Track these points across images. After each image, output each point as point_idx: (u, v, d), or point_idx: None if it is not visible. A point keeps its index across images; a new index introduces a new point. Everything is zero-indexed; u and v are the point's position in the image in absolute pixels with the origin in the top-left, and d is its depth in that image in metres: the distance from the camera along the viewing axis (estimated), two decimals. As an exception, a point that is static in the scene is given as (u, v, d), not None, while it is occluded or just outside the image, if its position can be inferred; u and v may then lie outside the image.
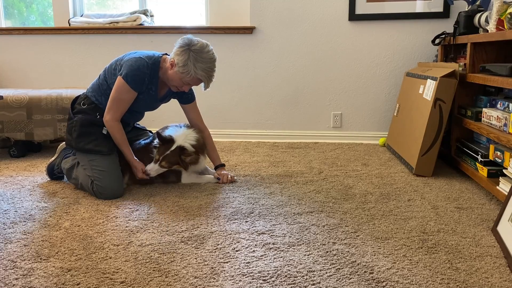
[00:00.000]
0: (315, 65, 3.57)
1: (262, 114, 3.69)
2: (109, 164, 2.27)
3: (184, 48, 2.20)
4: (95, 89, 2.35)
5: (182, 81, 2.25)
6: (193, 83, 2.27)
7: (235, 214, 1.99)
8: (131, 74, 2.21)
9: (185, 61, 2.18)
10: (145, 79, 2.26)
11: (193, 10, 3.90)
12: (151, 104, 2.42)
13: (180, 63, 2.19)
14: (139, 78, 2.23)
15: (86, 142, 2.28)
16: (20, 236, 1.76)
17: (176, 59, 2.20)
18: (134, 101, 2.31)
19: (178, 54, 2.20)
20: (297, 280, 1.43)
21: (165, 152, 2.29)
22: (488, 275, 1.46)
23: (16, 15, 4.06)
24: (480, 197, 2.22)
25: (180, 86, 2.29)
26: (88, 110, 2.33)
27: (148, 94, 2.33)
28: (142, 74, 2.24)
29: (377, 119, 3.59)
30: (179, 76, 2.23)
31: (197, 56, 2.18)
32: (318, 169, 2.75)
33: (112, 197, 2.22)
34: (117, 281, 1.42)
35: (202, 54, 2.20)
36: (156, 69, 2.29)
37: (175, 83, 2.28)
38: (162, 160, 2.30)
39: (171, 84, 2.31)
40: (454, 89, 2.51)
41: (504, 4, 2.19)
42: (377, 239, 1.73)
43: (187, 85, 2.28)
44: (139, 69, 2.22)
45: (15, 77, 3.83)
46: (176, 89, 2.32)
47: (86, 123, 2.29)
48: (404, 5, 3.38)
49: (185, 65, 2.18)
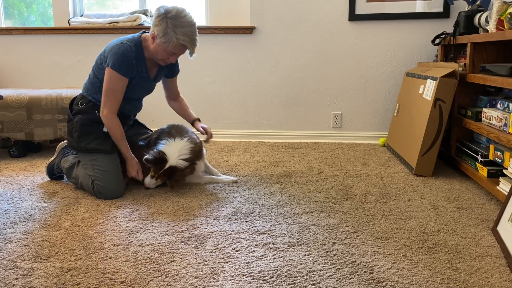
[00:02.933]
0: (315, 65, 3.57)
1: (262, 114, 3.69)
2: (110, 164, 2.27)
3: (161, 17, 2.17)
4: (89, 88, 2.34)
5: (167, 52, 2.22)
6: (177, 51, 2.23)
7: (235, 214, 1.99)
8: (118, 62, 2.19)
9: (165, 29, 2.15)
10: (133, 63, 2.23)
11: (193, 10, 3.90)
12: (146, 86, 2.40)
13: (160, 33, 2.16)
14: (127, 63, 2.21)
15: (88, 142, 2.28)
16: (20, 236, 1.76)
17: (156, 30, 2.18)
18: (129, 88, 2.28)
19: (157, 25, 2.17)
20: (297, 280, 1.43)
21: (158, 171, 2.27)
22: (488, 275, 1.46)
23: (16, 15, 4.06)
24: (480, 197, 2.22)
25: (167, 58, 2.26)
26: (86, 109, 2.32)
27: (140, 77, 2.31)
28: (129, 59, 2.21)
29: (377, 119, 3.59)
30: (162, 47, 2.20)
31: (175, 21, 2.15)
32: (318, 169, 2.75)
33: (112, 197, 2.22)
34: (117, 281, 1.42)
35: (180, 19, 2.17)
36: (140, 49, 2.26)
37: (161, 56, 2.25)
38: (158, 177, 2.29)
39: (158, 59, 2.28)
40: (454, 89, 2.51)
41: (504, 4, 2.19)
42: (377, 239, 1.73)
43: (173, 55, 2.25)
44: (124, 54, 2.20)
45: (15, 77, 3.83)
46: (164, 62, 2.29)
47: (86, 122, 2.29)
48: (404, 5, 3.38)
49: (165, 33, 2.15)
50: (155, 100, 3.74)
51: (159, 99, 3.75)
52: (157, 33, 2.18)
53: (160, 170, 2.26)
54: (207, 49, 3.63)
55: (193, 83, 3.69)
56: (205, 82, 3.68)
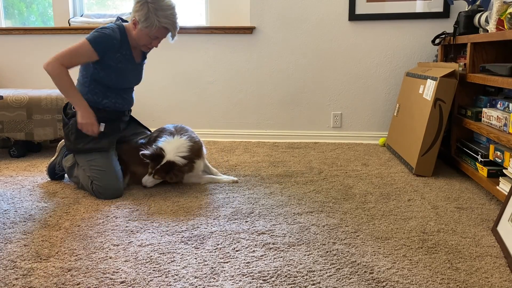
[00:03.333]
0: (315, 65, 3.57)
1: (262, 114, 3.69)
2: (108, 163, 2.27)
3: (142, 2, 2.18)
4: (80, 90, 2.32)
5: (150, 36, 2.24)
6: (160, 34, 2.25)
7: (235, 214, 1.99)
8: (95, 36, 2.18)
9: (146, 14, 2.17)
10: (113, 43, 2.22)
11: (193, 10, 3.90)
12: (133, 71, 2.38)
13: (142, 18, 2.18)
14: (104, 42, 2.19)
15: (85, 143, 2.28)
16: (20, 236, 1.76)
17: (137, 15, 2.19)
18: (118, 73, 2.28)
19: (137, 11, 2.19)
20: (297, 280, 1.43)
21: (155, 166, 2.27)
22: (488, 275, 1.46)
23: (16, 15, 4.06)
24: (480, 197, 2.22)
25: (149, 43, 2.27)
26: None
27: (125, 59, 2.30)
28: (108, 38, 2.20)
29: (377, 119, 3.59)
30: (145, 32, 2.21)
31: (156, 5, 2.17)
32: (318, 169, 2.75)
33: (112, 196, 2.22)
34: (117, 281, 1.42)
35: (160, 2, 2.19)
36: (124, 34, 2.27)
37: (144, 41, 2.26)
38: (155, 173, 2.28)
39: (141, 45, 2.29)
40: (454, 89, 2.51)
41: (504, 4, 2.19)
42: (377, 239, 1.73)
43: (156, 39, 2.27)
44: (105, 34, 2.19)
45: (15, 77, 3.83)
46: (146, 48, 2.31)
47: None
48: (404, 5, 3.38)
49: (147, 18, 2.17)
50: (155, 100, 3.74)
51: (159, 99, 3.75)
52: (138, 18, 2.19)
53: (158, 165, 2.26)
54: (207, 49, 3.63)
55: (193, 83, 3.69)
56: (205, 82, 3.68)
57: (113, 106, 2.35)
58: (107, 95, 2.33)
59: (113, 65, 2.27)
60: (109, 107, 2.35)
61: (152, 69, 3.66)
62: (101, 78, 2.29)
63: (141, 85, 3.68)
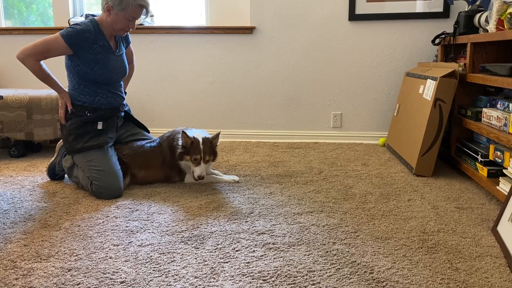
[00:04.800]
0: (315, 65, 3.57)
1: (262, 114, 3.69)
2: (107, 163, 2.27)
3: None
4: (72, 93, 2.37)
5: (127, 19, 2.29)
6: (136, 14, 2.30)
7: (235, 214, 1.99)
8: (68, 31, 2.25)
9: None
10: (86, 35, 2.27)
11: (193, 10, 3.90)
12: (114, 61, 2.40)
13: (116, 2, 2.24)
14: (77, 36, 2.25)
15: (84, 141, 2.29)
16: (20, 236, 1.76)
17: (110, 2, 2.25)
18: (101, 66, 2.32)
19: None
20: (297, 280, 1.43)
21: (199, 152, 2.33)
22: (488, 275, 1.46)
23: (16, 15, 4.06)
24: (480, 197, 2.22)
25: (126, 25, 2.32)
26: (76, 112, 2.34)
27: (104, 50, 2.33)
28: (81, 32, 2.25)
29: (377, 119, 3.59)
30: (121, 15, 2.27)
31: None
32: (318, 169, 2.75)
33: (112, 196, 2.22)
34: (117, 281, 1.42)
35: None
36: (97, 26, 2.32)
37: (121, 25, 2.31)
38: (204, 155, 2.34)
39: (117, 30, 2.33)
40: (454, 89, 2.51)
41: (504, 4, 2.19)
42: (377, 239, 1.73)
43: (132, 19, 2.31)
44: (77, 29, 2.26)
45: (15, 77, 3.83)
46: (123, 32, 2.36)
47: (79, 124, 2.32)
48: (404, 5, 3.38)
49: (121, 0, 2.23)
50: (155, 101, 3.74)
51: (159, 99, 3.75)
52: (112, 3, 2.25)
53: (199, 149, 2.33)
54: (207, 49, 3.63)
55: (193, 83, 3.69)
56: (205, 82, 3.68)
57: (106, 102, 2.38)
58: (97, 93, 2.36)
59: (92, 57, 2.30)
60: (103, 104, 2.38)
61: (152, 69, 3.66)
62: (87, 74, 2.32)
63: (141, 85, 3.70)
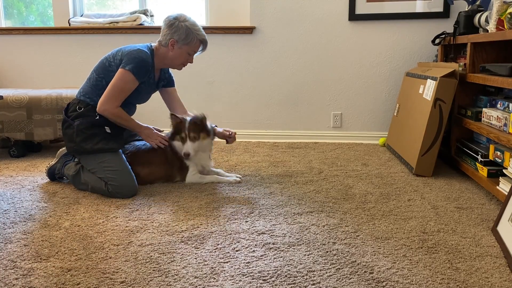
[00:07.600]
0: (315, 65, 3.57)
1: (262, 114, 3.69)
2: (121, 162, 2.29)
3: (176, 24, 2.35)
4: (89, 91, 2.37)
5: (188, 53, 2.41)
6: (196, 48, 2.43)
7: (235, 214, 1.99)
8: (138, 66, 2.29)
9: (186, 31, 2.34)
10: (149, 69, 2.36)
11: (193, 10, 3.90)
12: (149, 91, 2.51)
13: (182, 36, 2.34)
14: (145, 69, 2.33)
15: (94, 143, 2.27)
16: (20, 236, 1.76)
17: (176, 36, 2.35)
18: (136, 91, 2.36)
19: (175, 32, 2.34)
20: (297, 280, 1.43)
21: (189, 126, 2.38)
22: (488, 275, 1.46)
23: (16, 15, 4.06)
24: (480, 197, 2.22)
25: (187, 59, 2.44)
26: (86, 112, 2.33)
27: (149, 82, 2.43)
28: (147, 65, 2.34)
29: (377, 119, 3.59)
30: (185, 49, 2.38)
31: (189, 23, 2.36)
32: (318, 169, 2.75)
33: (129, 194, 2.23)
34: (117, 281, 1.42)
35: (189, 20, 2.38)
36: (153, 55, 2.40)
37: (182, 59, 2.42)
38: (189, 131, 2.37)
39: (177, 64, 2.43)
40: (454, 89, 2.51)
41: (504, 4, 2.19)
42: (377, 239, 1.73)
43: (192, 53, 2.43)
44: (144, 60, 2.31)
45: (15, 77, 3.83)
46: (182, 66, 2.45)
47: (87, 126, 2.30)
48: (404, 5, 3.38)
49: (187, 35, 2.34)
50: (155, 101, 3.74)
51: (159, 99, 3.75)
52: (177, 38, 2.34)
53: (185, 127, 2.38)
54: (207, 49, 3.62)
55: (193, 83, 3.69)
56: (205, 82, 3.68)
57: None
58: None
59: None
60: None
61: (152, 69, 3.66)
62: None
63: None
